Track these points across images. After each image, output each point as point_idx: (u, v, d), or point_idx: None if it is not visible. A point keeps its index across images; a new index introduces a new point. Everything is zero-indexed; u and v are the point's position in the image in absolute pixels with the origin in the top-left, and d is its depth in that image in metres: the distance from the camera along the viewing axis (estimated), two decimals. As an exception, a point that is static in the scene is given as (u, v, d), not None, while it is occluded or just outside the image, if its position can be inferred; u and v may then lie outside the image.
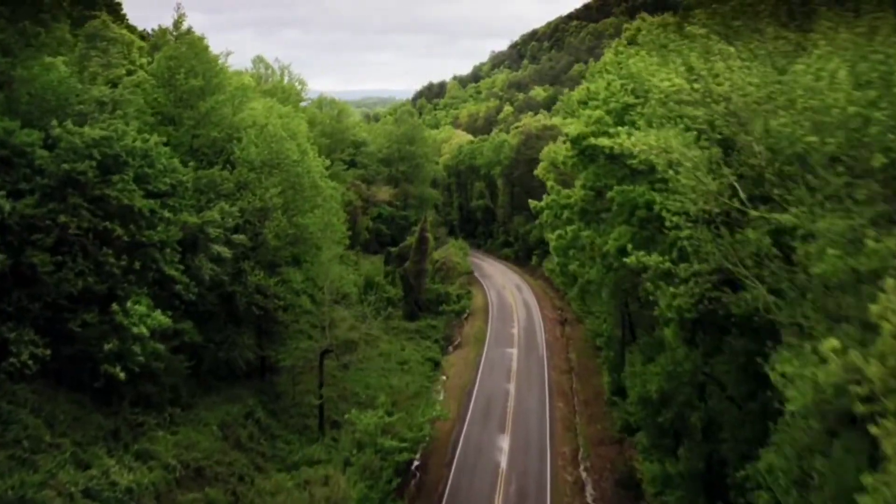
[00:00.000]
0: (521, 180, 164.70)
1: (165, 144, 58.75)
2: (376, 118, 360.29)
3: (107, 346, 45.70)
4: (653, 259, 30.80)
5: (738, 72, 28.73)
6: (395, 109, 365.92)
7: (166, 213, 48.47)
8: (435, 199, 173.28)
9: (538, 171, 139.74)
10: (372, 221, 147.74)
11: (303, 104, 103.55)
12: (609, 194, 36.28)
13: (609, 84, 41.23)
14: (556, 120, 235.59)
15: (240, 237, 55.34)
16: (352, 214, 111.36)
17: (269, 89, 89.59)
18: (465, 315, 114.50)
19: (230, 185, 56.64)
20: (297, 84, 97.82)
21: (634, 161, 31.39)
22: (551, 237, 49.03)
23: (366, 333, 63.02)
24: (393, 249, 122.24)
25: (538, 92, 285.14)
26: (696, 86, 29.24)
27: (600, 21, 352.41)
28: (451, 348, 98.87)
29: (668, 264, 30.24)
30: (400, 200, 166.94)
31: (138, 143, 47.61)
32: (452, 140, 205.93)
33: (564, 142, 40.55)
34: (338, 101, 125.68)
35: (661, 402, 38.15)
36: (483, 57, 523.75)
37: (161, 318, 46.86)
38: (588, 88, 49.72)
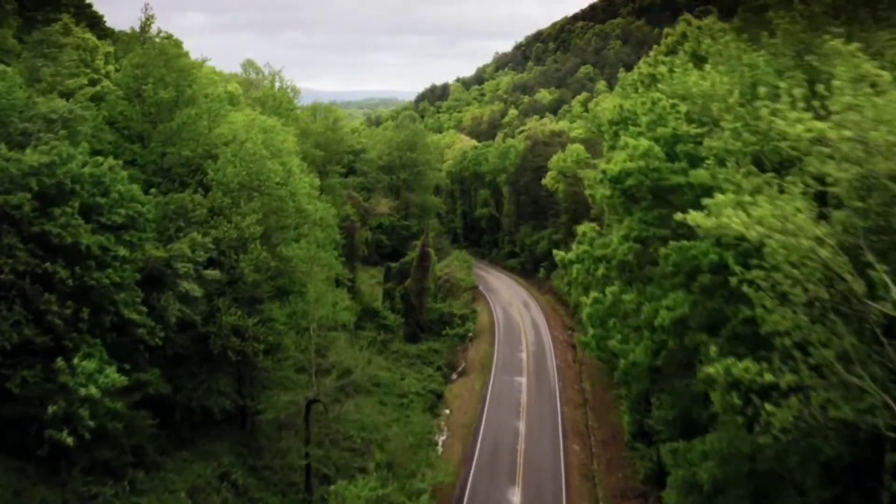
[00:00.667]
0: (527, 188, 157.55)
1: (132, 164, 51.74)
2: (378, 121, 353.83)
3: (51, 409, 38.85)
4: (748, 370, 22.97)
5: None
6: (396, 113, 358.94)
7: (122, 251, 41.33)
8: (437, 207, 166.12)
9: (547, 180, 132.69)
10: (371, 232, 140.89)
11: (298, 109, 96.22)
12: (662, 251, 28.46)
13: (654, 103, 33.47)
14: (563, 124, 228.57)
15: (212, 273, 48.23)
16: (349, 229, 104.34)
17: (258, 97, 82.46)
18: (470, 336, 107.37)
19: (203, 212, 49.51)
20: (289, 91, 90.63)
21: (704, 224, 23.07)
22: (585, 300, 36.24)
23: (362, 370, 55.44)
24: (393, 265, 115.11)
25: (544, 95, 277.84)
26: (844, 132, 21.45)
27: (607, 22, 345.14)
28: (454, 375, 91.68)
29: (768, 377, 22.48)
30: (401, 210, 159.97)
31: (88, 169, 40.53)
32: (456, 145, 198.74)
33: (601, 180, 30.55)
34: (333, 107, 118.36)
35: (715, 492, 30.88)
36: (486, 58, 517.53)
37: (115, 376, 39.86)
38: (622, 106, 41.83)
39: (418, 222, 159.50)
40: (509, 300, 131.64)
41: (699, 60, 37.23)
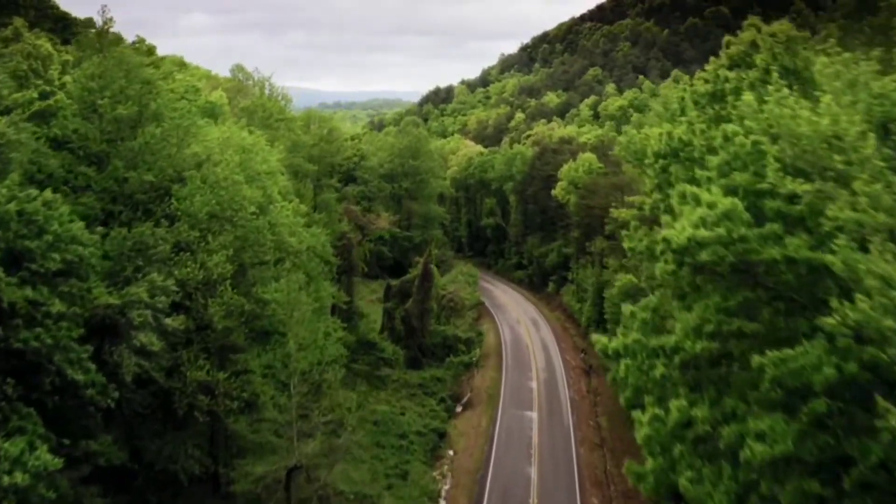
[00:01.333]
0: (535, 198, 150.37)
1: (86, 190, 44.55)
2: (381, 125, 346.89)
3: (-32, 500, 31.83)
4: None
5: None
6: (400, 116, 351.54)
7: (57, 305, 34.23)
8: (441, 217, 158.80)
9: (557, 191, 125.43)
10: (372, 243, 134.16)
11: (290, 118, 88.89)
12: (755, 360, 20.68)
13: (727, 138, 25.21)
14: (571, 129, 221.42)
15: (175, 321, 41.05)
16: (345, 247, 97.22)
17: (246, 107, 75.33)
18: (476, 359, 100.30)
19: (166, 248, 42.36)
20: (280, 99, 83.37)
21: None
22: (640, 418, 24.69)
23: (351, 432, 48.14)
24: (393, 283, 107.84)
25: (551, 98, 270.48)
26: None
27: (615, 23, 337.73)
28: (459, 407, 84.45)
29: None
30: (403, 220, 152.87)
31: (14, 206, 33.39)
32: (461, 151, 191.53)
33: (663, 252, 21.68)
34: (328, 115, 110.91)
35: None
36: (491, 59, 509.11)
37: (47, 458, 32.72)
38: (671, 134, 33.41)
39: (421, 233, 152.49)
40: (517, 317, 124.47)
41: (783, 77, 29.61)
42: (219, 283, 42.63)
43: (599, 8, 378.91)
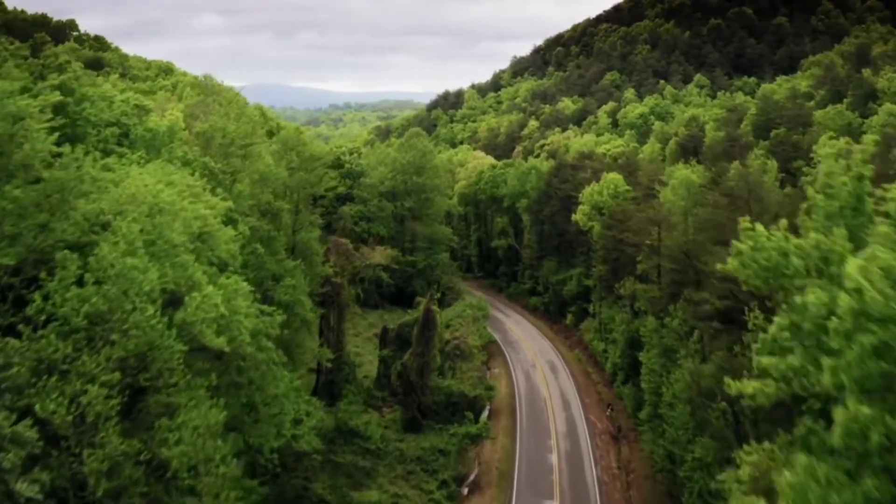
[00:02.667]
0: (552, 219, 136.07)
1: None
2: (387, 132, 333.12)
3: None
4: None
5: None
6: (408, 121, 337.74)
7: None
8: (448, 240, 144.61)
9: (578, 216, 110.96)
10: (364, 282, 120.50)
11: (265, 143, 74.48)
12: None
13: None
14: (588, 138, 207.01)
15: (30, 485, 26.99)
16: (330, 293, 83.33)
17: (202, 132, 61.12)
18: (486, 429, 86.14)
19: (23, 370, 28.29)
20: (250, 122, 68.61)
21: None
22: None
23: None
24: (391, 327, 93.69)
25: (566, 104, 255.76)
26: None
27: (633, 25, 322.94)
28: (465, 489, 70.17)
29: None
30: (407, 242, 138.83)
31: None
32: (470, 164, 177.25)
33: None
34: (307, 138, 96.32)
35: None
36: (504, 60, 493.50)
37: None
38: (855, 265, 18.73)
39: (425, 257, 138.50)
40: (532, 359, 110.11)
41: None
42: (100, 424, 28.44)
43: (616, 9, 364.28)
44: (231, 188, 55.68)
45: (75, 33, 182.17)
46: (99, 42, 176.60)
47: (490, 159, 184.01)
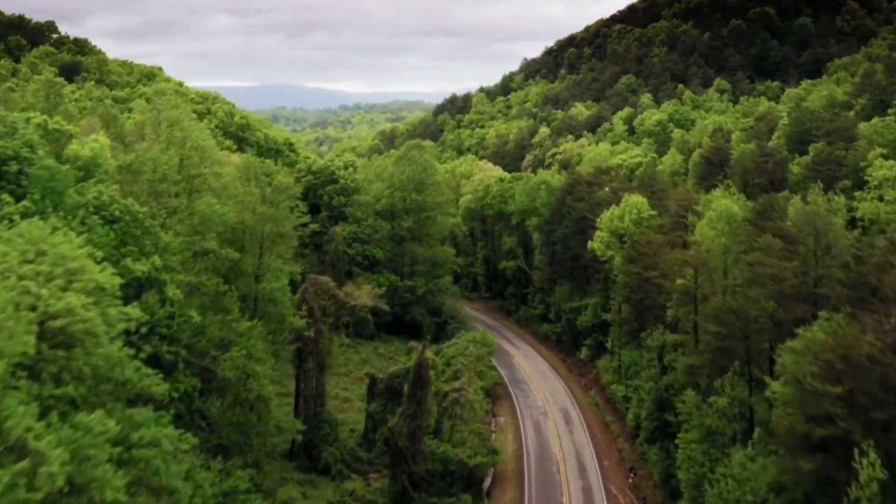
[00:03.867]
0: (565, 240, 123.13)
1: None
2: (393, 137, 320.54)
3: None
4: None
5: None
6: (413, 126, 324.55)
7: None
8: (450, 262, 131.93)
9: (595, 245, 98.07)
10: (349, 326, 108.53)
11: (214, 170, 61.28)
12: None
13: None
14: (604, 147, 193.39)
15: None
16: (306, 348, 70.96)
17: (128, 164, 48.34)
18: (489, 483, 73.79)
19: None
20: (197, 147, 55.31)
21: None
22: None
23: None
24: (380, 377, 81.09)
25: (579, 110, 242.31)
26: None
27: (649, 25, 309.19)
28: None
29: None
30: (405, 265, 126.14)
31: None
32: (476, 176, 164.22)
33: None
34: (272, 164, 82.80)
35: None
36: (516, 61, 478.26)
37: None
38: None
39: (426, 282, 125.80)
40: (543, 405, 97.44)
41: None
42: None
43: (630, 8, 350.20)
44: (158, 241, 42.98)
45: (55, 35, 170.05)
46: (79, 45, 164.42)
47: (497, 171, 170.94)
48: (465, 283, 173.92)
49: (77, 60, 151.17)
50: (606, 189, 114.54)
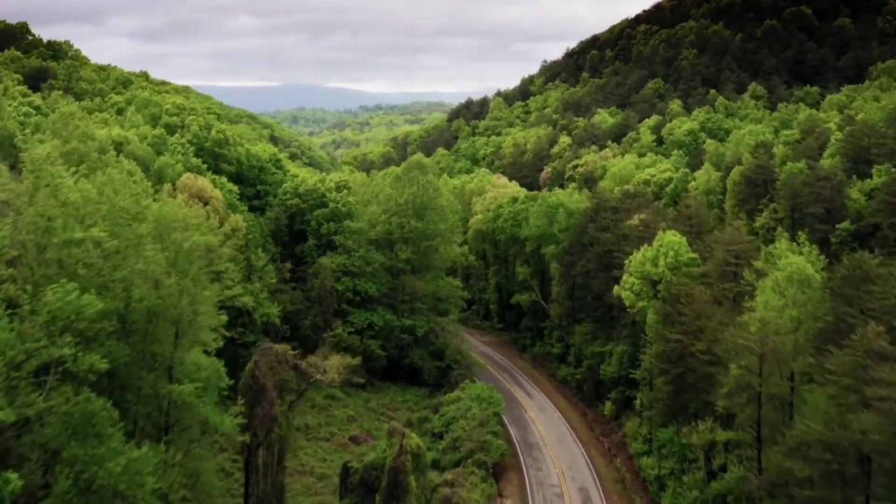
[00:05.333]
0: (586, 276, 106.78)
1: None
2: (404, 145, 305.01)
3: None
4: None
5: None
6: (427, 133, 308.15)
7: None
8: (456, 296, 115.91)
9: (624, 294, 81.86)
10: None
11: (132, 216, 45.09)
12: None
13: None
14: (629, 160, 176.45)
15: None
16: (263, 425, 55.17)
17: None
18: None
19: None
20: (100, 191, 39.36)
21: None
22: None
23: None
24: (353, 467, 65.13)
25: (603, 117, 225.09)
26: None
27: (677, 26, 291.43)
28: None
29: None
30: (404, 300, 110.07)
31: None
32: (488, 194, 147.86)
33: None
34: (191, 212, 65.81)
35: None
36: (538, 63, 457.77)
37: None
38: None
39: (426, 321, 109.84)
40: (559, 482, 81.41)
41: None
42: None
43: (657, 7, 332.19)
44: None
45: (30, 37, 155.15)
46: (52, 48, 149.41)
47: (513, 187, 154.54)
48: (477, 310, 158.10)
49: (46, 66, 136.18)
50: (636, 219, 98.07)
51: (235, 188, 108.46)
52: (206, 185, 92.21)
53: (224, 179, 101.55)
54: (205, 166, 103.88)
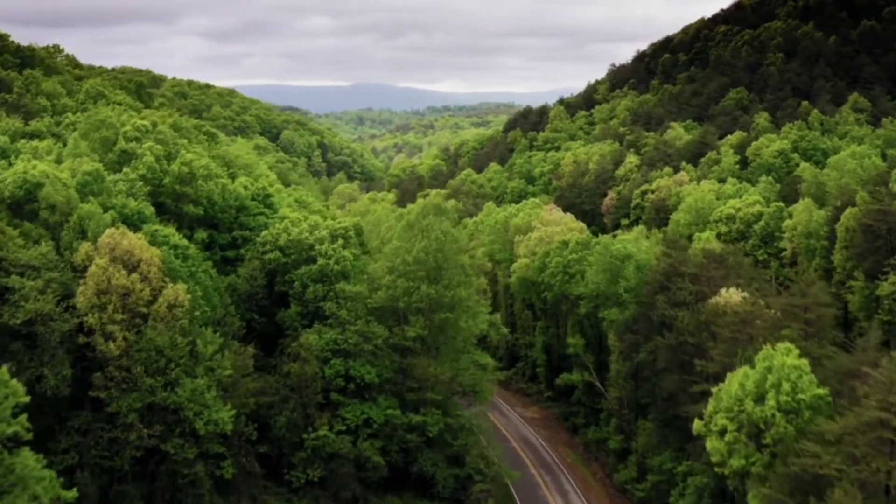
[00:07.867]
0: (654, 363, 79.77)
1: None
2: (456, 157, 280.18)
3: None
4: None
5: None
6: (481, 144, 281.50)
7: None
8: (484, 380, 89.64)
9: (711, 443, 54.63)
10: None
11: None
12: None
13: None
14: (707, 187, 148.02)
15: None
16: None
17: None
18: None
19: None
20: None
21: None
22: None
23: None
24: None
25: (677, 132, 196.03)
26: None
27: (760, 26, 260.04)
28: None
29: None
30: (411, 390, 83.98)
31: None
32: (534, 233, 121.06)
33: None
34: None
35: None
36: (614, 61, 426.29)
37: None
38: None
39: (441, 415, 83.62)
40: None
41: None
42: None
43: (737, 6, 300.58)
44: None
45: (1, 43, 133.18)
46: (20, 56, 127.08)
47: (565, 222, 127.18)
48: (522, 369, 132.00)
49: (4, 77, 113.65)
50: (723, 296, 70.76)
51: (202, 235, 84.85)
52: (136, 243, 67.91)
53: (172, 231, 76.85)
54: (152, 211, 79.46)
